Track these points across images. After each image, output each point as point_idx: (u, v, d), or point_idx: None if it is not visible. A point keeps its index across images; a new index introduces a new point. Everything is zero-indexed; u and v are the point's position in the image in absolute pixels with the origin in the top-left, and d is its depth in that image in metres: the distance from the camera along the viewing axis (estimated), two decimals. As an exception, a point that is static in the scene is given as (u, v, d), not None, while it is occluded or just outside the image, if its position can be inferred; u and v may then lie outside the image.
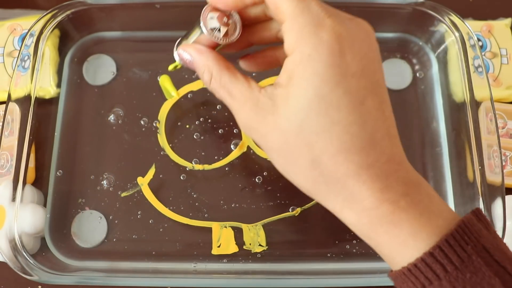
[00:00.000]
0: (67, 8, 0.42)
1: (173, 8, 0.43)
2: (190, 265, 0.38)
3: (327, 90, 0.25)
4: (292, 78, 0.26)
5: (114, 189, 0.40)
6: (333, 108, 0.25)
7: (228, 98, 0.28)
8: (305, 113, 0.26)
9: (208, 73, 0.29)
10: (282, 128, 0.26)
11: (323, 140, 0.26)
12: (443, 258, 0.24)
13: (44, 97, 0.42)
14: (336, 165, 0.26)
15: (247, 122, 0.28)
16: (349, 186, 0.26)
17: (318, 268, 0.38)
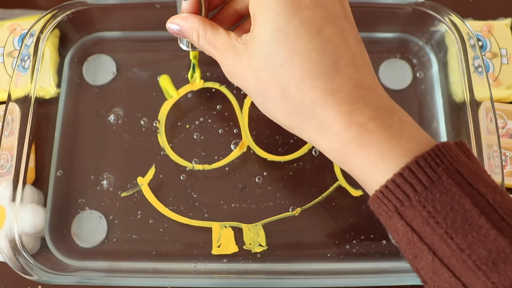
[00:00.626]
0: (67, 8, 0.42)
1: (173, 8, 0.43)
2: (190, 265, 0.38)
3: (283, 22, 0.27)
4: (255, 18, 0.28)
5: (114, 189, 0.40)
6: (292, 38, 0.27)
7: (213, 51, 0.31)
8: (268, 47, 0.28)
9: (196, 33, 0.32)
10: (253, 66, 0.28)
11: (287, 70, 0.27)
12: (412, 178, 0.25)
13: (44, 97, 0.42)
14: (302, 93, 0.27)
15: (229, 68, 0.30)
16: (318, 113, 0.27)
17: (318, 268, 0.38)
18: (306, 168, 0.41)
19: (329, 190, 0.40)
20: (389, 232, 0.27)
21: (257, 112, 0.42)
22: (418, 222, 0.25)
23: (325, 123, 0.27)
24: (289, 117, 0.28)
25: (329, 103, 0.27)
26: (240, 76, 0.30)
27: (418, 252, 0.25)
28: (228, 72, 0.31)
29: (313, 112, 0.27)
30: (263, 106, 0.30)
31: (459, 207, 0.24)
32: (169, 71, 0.43)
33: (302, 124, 0.28)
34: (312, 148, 0.41)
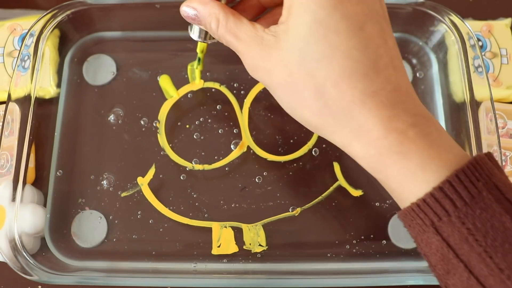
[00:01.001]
0: (67, 8, 0.42)
1: (173, 8, 0.43)
2: (190, 265, 0.38)
3: (324, 14, 0.25)
4: (291, 8, 0.26)
5: (114, 189, 0.40)
6: (332, 32, 0.25)
7: (235, 41, 0.28)
8: (305, 40, 0.25)
9: (215, 21, 0.29)
10: (285, 60, 0.26)
11: (325, 67, 0.25)
12: (452, 193, 0.24)
13: (44, 97, 0.42)
14: (340, 92, 0.25)
15: (253, 61, 0.28)
16: (355, 115, 0.25)
17: (318, 268, 0.38)
18: (306, 168, 0.41)
19: (329, 190, 0.40)
20: (419, 245, 0.26)
21: (257, 112, 0.42)
22: (456, 239, 0.24)
23: (362, 127, 0.25)
24: (322, 117, 0.26)
25: (368, 105, 0.25)
26: (266, 70, 0.27)
27: (451, 269, 0.24)
28: (251, 65, 0.28)
29: (349, 114, 0.25)
30: (290, 103, 0.28)
31: (500, 225, 0.23)
32: (169, 71, 0.43)
33: (335, 126, 0.26)
34: (312, 148, 0.41)
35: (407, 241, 0.39)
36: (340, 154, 0.41)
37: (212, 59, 0.43)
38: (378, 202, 0.40)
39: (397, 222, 0.39)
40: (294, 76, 0.26)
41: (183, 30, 0.44)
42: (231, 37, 0.29)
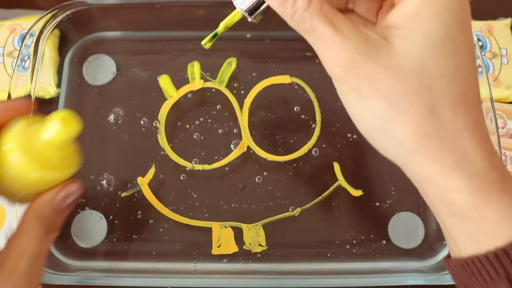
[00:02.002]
0: (67, 8, 0.41)
1: (173, 8, 0.43)
2: (190, 265, 0.38)
3: (457, 31, 0.23)
4: (417, 15, 0.23)
5: (114, 189, 0.40)
6: (460, 52, 0.23)
7: (330, 28, 0.24)
8: (434, 52, 0.23)
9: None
10: (399, 66, 0.23)
11: (446, 85, 0.23)
12: None
13: (44, 97, 0.42)
14: (455, 115, 0.23)
15: (352, 58, 0.23)
16: (463, 143, 0.23)
17: (318, 268, 0.38)
18: (306, 168, 0.41)
19: (329, 190, 0.40)
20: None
21: (257, 112, 0.42)
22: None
23: (468, 156, 0.23)
24: (426, 138, 0.23)
25: (477, 136, 0.23)
26: (367, 72, 0.23)
27: None
28: (346, 62, 0.24)
29: (458, 140, 0.23)
30: (384, 116, 0.24)
31: None
32: (169, 71, 0.43)
33: (438, 151, 0.23)
34: (312, 148, 0.41)
35: (407, 241, 0.39)
36: (340, 154, 0.41)
37: (213, 59, 0.43)
38: (378, 202, 0.40)
39: (397, 222, 0.39)
40: (407, 85, 0.23)
41: (183, 30, 0.45)
42: (326, 23, 0.24)
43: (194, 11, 0.43)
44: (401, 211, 0.40)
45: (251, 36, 0.44)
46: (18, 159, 0.26)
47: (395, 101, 0.23)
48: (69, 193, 0.29)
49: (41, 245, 0.28)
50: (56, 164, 0.28)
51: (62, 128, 0.27)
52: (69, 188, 0.30)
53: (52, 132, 0.27)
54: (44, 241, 0.28)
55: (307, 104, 0.42)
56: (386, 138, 0.25)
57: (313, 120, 0.42)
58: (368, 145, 0.41)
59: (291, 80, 0.43)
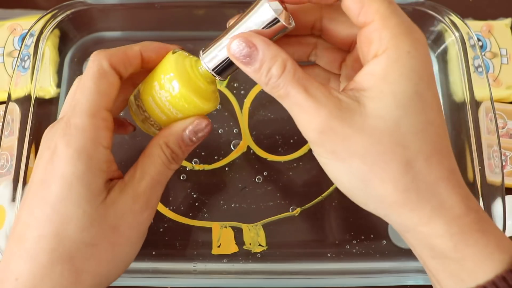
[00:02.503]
0: (67, 8, 0.42)
1: (173, 8, 0.43)
2: (190, 265, 0.38)
3: (424, 88, 0.24)
4: (386, 76, 0.24)
5: (114, 189, 0.40)
6: (428, 107, 0.25)
7: (303, 95, 0.25)
8: (404, 110, 0.24)
9: (281, 66, 0.25)
10: (373, 128, 0.24)
11: (419, 141, 0.24)
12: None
13: (44, 97, 0.42)
14: (430, 168, 0.25)
15: (326, 123, 0.24)
16: (439, 192, 0.25)
17: (318, 268, 0.38)
18: (306, 168, 0.41)
19: (329, 190, 0.40)
20: None
21: (257, 112, 0.42)
22: None
23: (445, 204, 0.25)
24: (405, 192, 0.25)
25: (452, 183, 0.25)
26: (342, 136, 0.24)
27: None
28: (320, 128, 0.25)
29: (434, 190, 0.25)
30: (363, 177, 0.25)
31: None
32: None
33: (417, 202, 0.25)
34: (312, 148, 0.41)
35: (407, 241, 0.39)
36: (340, 154, 0.41)
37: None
38: (378, 202, 0.40)
39: (397, 222, 0.39)
40: (382, 145, 0.24)
41: (183, 30, 0.45)
42: (299, 89, 0.25)
43: (194, 11, 0.43)
44: (401, 211, 0.40)
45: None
46: (177, 87, 0.28)
47: (372, 161, 0.24)
48: (198, 129, 0.29)
49: (163, 171, 0.29)
50: (207, 95, 0.29)
51: None
52: (200, 122, 0.29)
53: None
54: (165, 168, 0.29)
55: (307, 104, 0.42)
56: (365, 195, 0.26)
57: (313, 120, 0.42)
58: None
59: (291, 80, 0.43)
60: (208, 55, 0.28)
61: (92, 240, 0.26)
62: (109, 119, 0.28)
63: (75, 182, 0.26)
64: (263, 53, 0.25)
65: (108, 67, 0.28)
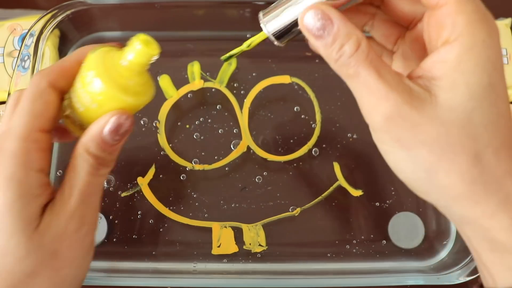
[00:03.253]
0: (67, 8, 0.41)
1: (173, 8, 0.43)
2: (190, 265, 0.38)
3: (497, 79, 0.24)
4: (459, 65, 0.23)
5: (114, 189, 0.40)
6: (500, 99, 0.24)
7: (375, 76, 0.24)
8: (478, 102, 0.23)
9: (355, 44, 0.24)
10: (443, 118, 0.23)
11: (489, 133, 0.24)
12: None
13: (44, 97, 0.41)
14: (498, 161, 0.24)
15: (395, 109, 0.23)
16: (507, 186, 0.24)
17: (318, 268, 0.38)
18: (306, 168, 0.41)
19: (329, 190, 0.40)
20: None
21: (257, 112, 0.42)
22: None
23: (511, 198, 0.24)
24: (472, 185, 0.24)
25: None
26: (411, 124, 0.24)
27: None
28: (390, 113, 0.24)
29: (502, 184, 0.24)
30: (428, 166, 0.24)
31: None
32: (169, 71, 0.43)
33: (483, 195, 0.24)
34: (312, 148, 0.41)
35: (407, 241, 0.39)
36: (340, 154, 0.41)
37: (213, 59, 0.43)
38: (378, 202, 0.40)
39: (397, 222, 0.39)
40: (451, 137, 0.23)
41: (183, 30, 0.45)
42: (371, 70, 0.24)
43: (194, 11, 0.43)
44: (401, 211, 0.40)
45: (251, 35, 0.44)
46: (99, 85, 0.26)
47: (440, 151, 0.24)
48: (117, 125, 0.27)
49: (92, 180, 0.27)
50: (134, 88, 0.27)
51: (143, 50, 0.28)
52: (117, 118, 0.27)
53: (133, 54, 0.27)
54: (94, 177, 0.27)
55: (307, 104, 0.42)
56: (428, 186, 0.25)
57: (313, 120, 0.42)
58: (368, 145, 0.41)
59: (291, 80, 0.43)
60: (270, 18, 0.26)
61: (33, 269, 0.25)
62: (42, 140, 0.26)
63: (6, 212, 0.25)
64: (338, 28, 0.24)
65: (44, 86, 0.27)
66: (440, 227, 0.39)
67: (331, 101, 0.42)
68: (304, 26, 0.24)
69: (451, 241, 0.39)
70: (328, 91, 0.42)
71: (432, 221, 0.40)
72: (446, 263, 0.37)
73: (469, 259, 0.35)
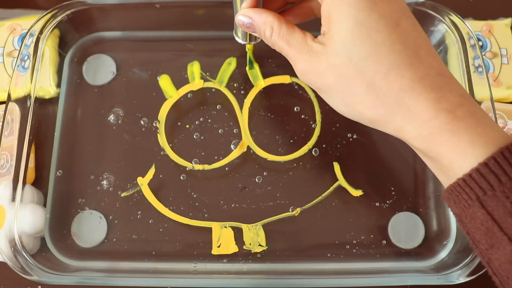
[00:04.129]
0: (66, 8, 0.41)
1: (173, 8, 0.43)
2: (190, 265, 0.38)
3: (364, 16, 0.28)
4: (331, 18, 0.29)
5: (114, 189, 0.40)
6: (374, 31, 0.28)
7: (287, 47, 0.31)
8: (350, 42, 0.28)
9: (270, 28, 0.32)
10: (334, 63, 0.29)
11: (373, 63, 0.28)
12: (497, 168, 0.25)
13: (44, 97, 0.42)
14: (389, 83, 0.28)
15: (305, 66, 0.31)
16: (405, 101, 0.28)
17: (318, 268, 0.38)
18: (306, 168, 0.41)
19: (329, 190, 0.40)
20: (463, 222, 0.28)
21: (257, 112, 0.42)
22: (500, 213, 0.25)
23: (413, 111, 0.27)
24: (375, 109, 0.29)
25: (417, 90, 0.27)
26: (317, 73, 0.30)
27: (495, 243, 0.26)
28: (302, 70, 0.31)
29: (400, 101, 0.28)
30: (343, 102, 0.30)
31: None
32: (169, 71, 0.43)
33: (388, 115, 0.28)
34: (312, 148, 0.41)
35: (407, 241, 0.39)
36: (340, 154, 0.41)
37: (213, 59, 0.43)
38: (378, 202, 0.40)
39: (397, 222, 0.39)
40: (344, 77, 0.29)
41: (183, 30, 0.45)
42: (284, 43, 0.31)
43: (194, 11, 0.43)
44: (401, 211, 0.40)
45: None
46: None
47: (343, 89, 0.29)
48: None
49: None
50: None
51: None
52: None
53: None
54: None
55: (307, 104, 0.42)
56: (354, 117, 0.31)
57: (313, 120, 0.42)
58: (368, 145, 0.41)
59: (291, 80, 0.43)
60: (236, 35, 0.37)
61: None
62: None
63: None
64: (256, 21, 0.33)
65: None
66: (440, 227, 0.39)
67: (331, 101, 0.42)
68: (241, 26, 0.34)
69: (451, 241, 0.39)
70: (328, 91, 0.42)
71: (432, 221, 0.40)
72: (446, 263, 0.37)
73: (469, 259, 0.35)
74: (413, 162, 0.41)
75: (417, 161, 0.41)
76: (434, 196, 0.40)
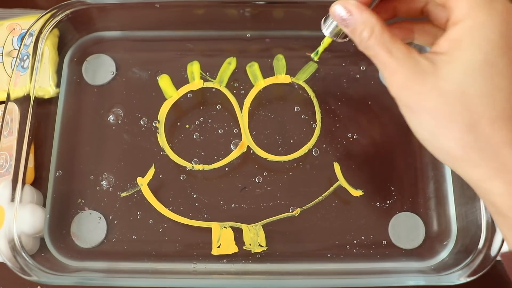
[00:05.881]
0: (66, 7, 0.41)
1: (173, 8, 0.43)
2: (190, 265, 0.38)
3: (496, 57, 0.27)
4: (459, 43, 0.27)
5: (114, 189, 0.40)
6: (499, 75, 0.27)
7: (386, 55, 0.29)
8: (472, 76, 0.27)
9: (369, 30, 0.29)
10: (442, 88, 0.27)
11: (485, 105, 0.27)
12: None
13: (44, 97, 0.41)
14: (493, 131, 0.27)
15: (404, 81, 0.28)
16: (502, 155, 0.27)
17: (318, 268, 0.38)
18: (306, 168, 0.41)
19: (329, 190, 0.40)
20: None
21: (257, 112, 0.42)
22: None
23: (507, 165, 0.27)
24: (468, 150, 0.27)
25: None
26: (417, 92, 0.28)
27: None
28: (400, 84, 0.29)
29: (497, 152, 0.27)
30: (432, 130, 0.28)
31: None
32: (169, 71, 0.43)
33: (479, 161, 0.27)
34: (312, 148, 0.41)
35: (407, 241, 0.39)
36: (340, 154, 0.41)
37: (212, 59, 0.43)
38: (378, 202, 0.40)
39: (397, 222, 0.39)
40: (448, 106, 0.27)
41: (183, 30, 0.45)
42: (383, 51, 0.29)
43: (194, 11, 0.43)
44: (401, 211, 0.40)
45: (251, 36, 0.44)
46: None
47: (438, 118, 0.27)
48: None
49: None
50: None
51: None
52: None
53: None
54: None
55: (307, 104, 0.42)
56: (435, 147, 0.29)
57: (313, 120, 0.42)
58: (368, 145, 0.41)
59: (291, 80, 0.43)
60: (324, 26, 0.32)
61: None
62: None
63: None
64: (355, 18, 0.29)
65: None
66: (441, 227, 0.39)
67: (331, 101, 0.42)
68: (334, 18, 0.30)
69: (452, 242, 0.39)
70: (328, 91, 0.42)
71: (432, 221, 0.40)
72: (446, 264, 0.37)
73: (470, 259, 0.35)
74: (413, 162, 0.41)
75: (418, 161, 0.41)
76: (434, 196, 0.40)
